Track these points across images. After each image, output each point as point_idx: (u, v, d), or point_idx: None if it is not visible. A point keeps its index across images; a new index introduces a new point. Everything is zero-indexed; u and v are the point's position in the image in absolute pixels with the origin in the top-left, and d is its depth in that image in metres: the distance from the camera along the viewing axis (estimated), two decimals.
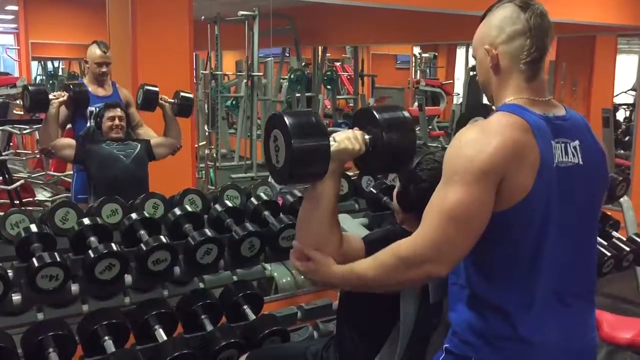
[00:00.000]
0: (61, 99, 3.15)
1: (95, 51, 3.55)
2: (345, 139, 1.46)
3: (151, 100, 3.37)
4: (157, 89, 3.38)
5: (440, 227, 1.25)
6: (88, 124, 3.44)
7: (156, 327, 2.08)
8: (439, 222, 1.26)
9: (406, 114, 1.54)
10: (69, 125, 3.53)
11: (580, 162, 1.35)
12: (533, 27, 1.33)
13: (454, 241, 1.25)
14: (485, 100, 1.66)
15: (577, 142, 1.36)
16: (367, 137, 1.48)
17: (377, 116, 1.48)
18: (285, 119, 1.39)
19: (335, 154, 1.41)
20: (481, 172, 1.25)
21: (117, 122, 3.25)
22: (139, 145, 3.30)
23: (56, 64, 13.23)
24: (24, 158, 6.33)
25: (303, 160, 1.39)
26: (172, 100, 3.43)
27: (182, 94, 3.45)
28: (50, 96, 3.14)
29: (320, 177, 1.42)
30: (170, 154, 3.49)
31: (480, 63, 1.42)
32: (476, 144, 1.27)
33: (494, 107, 1.42)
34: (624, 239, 3.01)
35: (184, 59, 4.23)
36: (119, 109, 3.31)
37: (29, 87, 3.11)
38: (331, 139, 1.43)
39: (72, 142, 3.25)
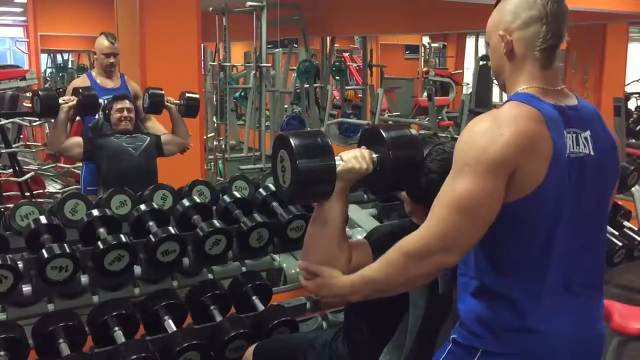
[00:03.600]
0: (71, 104, 3.14)
1: (103, 42, 3.55)
2: (353, 158, 1.45)
3: (157, 104, 3.37)
4: (162, 92, 3.37)
5: (449, 217, 1.24)
6: (97, 116, 3.45)
7: (165, 317, 2.09)
8: (447, 212, 1.24)
9: (414, 132, 1.54)
10: (77, 118, 3.54)
11: (591, 153, 1.33)
12: (550, 13, 1.31)
13: (463, 231, 1.24)
14: (494, 90, 1.64)
15: (588, 133, 1.34)
16: (374, 155, 1.47)
17: (383, 135, 1.47)
18: (291, 139, 1.38)
19: (342, 174, 1.42)
20: (493, 163, 1.23)
21: (125, 113, 3.26)
22: (149, 139, 3.31)
23: (65, 56, 13.28)
24: (34, 150, 6.35)
25: (309, 180, 1.39)
26: (178, 102, 3.43)
27: (187, 94, 3.45)
28: (60, 100, 3.13)
29: (326, 196, 1.42)
30: (179, 152, 3.51)
31: (494, 49, 1.39)
32: (489, 134, 1.25)
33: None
34: (636, 229, 2.99)
35: (192, 50, 4.23)
36: (127, 101, 3.32)
37: (39, 92, 3.10)
38: (338, 158, 1.43)
39: (80, 140, 3.25)
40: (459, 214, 1.23)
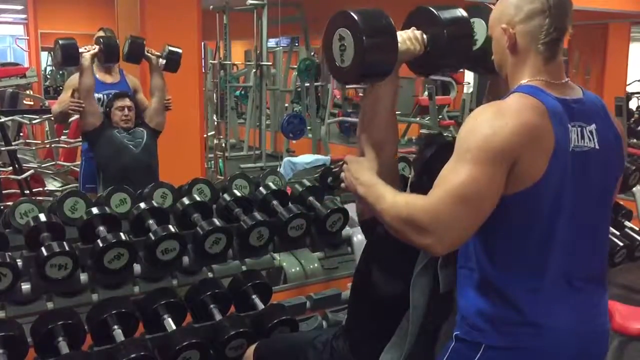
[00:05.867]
0: (92, 52, 3.14)
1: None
2: (407, 39, 1.48)
3: (136, 52, 3.34)
4: (143, 40, 3.35)
5: (450, 204, 1.22)
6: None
7: (165, 316, 2.08)
8: (448, 198, 1.23)
9: (463, 12, 1.54)
10: (76, 116, 3.54)
11: (596, 147, 1.33)
12: (553, 5, 1.30)
13: (460, 220, 1.23)
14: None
15: (593, 126, 1.33)
16: (425, 36, 1.48)
17: (437, 15, 1.48)
18: (355, 16, 1.37)
19: (398, 55, 1.44)
20: (495, 153, 1.22)
21: (126, 112, 3.27)
22: (145, 132, 3.31)
23: None
24: (34, 148, 6.35)
25: (373, 59, 1.39)
26: (159, 53, 3.41)
27: (169, 47, 3.42)
28: (81, 49, 3.13)
29: (386, 75, 1.44)
30: (166, 110, 3.47)
31: (497, 42, 1.39)
32: (492, 123, 1.25)
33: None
34: (637, 229, 2.98)
35: (193, 48, 4.22)
36: (127, 99, 3.32)
37: (60, 41, 3.10)
38: None
39: (101, 116, 3.27)
40: (460, 203, 1.22)
